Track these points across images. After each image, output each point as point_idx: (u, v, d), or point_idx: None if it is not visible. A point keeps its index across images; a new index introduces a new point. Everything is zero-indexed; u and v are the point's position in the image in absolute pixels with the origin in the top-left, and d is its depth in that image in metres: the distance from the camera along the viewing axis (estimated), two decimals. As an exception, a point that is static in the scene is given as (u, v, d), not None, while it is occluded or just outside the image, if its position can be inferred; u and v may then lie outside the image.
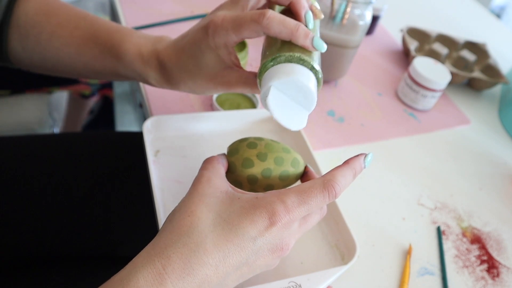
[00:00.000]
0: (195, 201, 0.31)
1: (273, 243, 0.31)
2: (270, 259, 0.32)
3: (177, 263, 0.28)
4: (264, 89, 0.32)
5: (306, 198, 0.31)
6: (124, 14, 0.69)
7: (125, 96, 1.32)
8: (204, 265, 0.28)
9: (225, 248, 0.29)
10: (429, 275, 0.47)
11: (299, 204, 0.31)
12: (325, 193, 0.32)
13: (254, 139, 0.39)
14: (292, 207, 0.31)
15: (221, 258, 0.29)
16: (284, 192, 0.31)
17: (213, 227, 0.30)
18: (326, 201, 0.32)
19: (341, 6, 0.59)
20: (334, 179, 0.32)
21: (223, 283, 0.30)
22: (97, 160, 0.55)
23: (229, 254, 0.29)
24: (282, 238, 0.31)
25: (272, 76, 0.32)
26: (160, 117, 0.48)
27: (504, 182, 0.61)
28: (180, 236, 0.29)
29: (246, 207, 0.31)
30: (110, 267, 0.53)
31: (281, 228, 0.30)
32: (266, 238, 0.30)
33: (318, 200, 0.31)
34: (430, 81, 0.65)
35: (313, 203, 0.31)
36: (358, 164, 0.34)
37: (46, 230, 0.51)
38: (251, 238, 0.30)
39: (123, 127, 1.23)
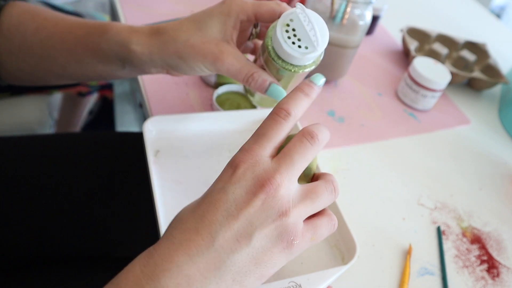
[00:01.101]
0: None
1: (247, 184, 0.28)
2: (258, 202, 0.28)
3: (162, 240, 0.29)
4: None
5: (259, 132, 0.30)
6: (124, 14, 0.69)
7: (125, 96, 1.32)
8: (184, 231, 0.28)
9: (199, 210, 0.29)
10: (429, 275, 0.47)
11: (255, 140, 0.30)
12: (275, 116, 0.30)
13: None
14: (248, 146, 0.30)
15: (198, 219, 0.28)
16: None
17: (190, 207, 0.30)
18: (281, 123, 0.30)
19: (341, 6, 0.58)
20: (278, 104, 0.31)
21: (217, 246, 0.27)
22: (97, 160, 0.55)
23: (204, 212, 0.28)
24: (255, 177, 0.29)
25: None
26: (160, 117, 0.48)
27: (504, 182, 0.61)
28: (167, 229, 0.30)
29: None
30: (110, 267, 0.53)
31: (248, 168, 0.29)
32: (235, 182, 0.28)
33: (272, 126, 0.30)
34: (430, 81, 0.65)
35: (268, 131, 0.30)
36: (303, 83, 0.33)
37: (46, 230, 0.51)
38: (218, 189, 0.29)
39: (123, 127, 1.23)
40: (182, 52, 0.39)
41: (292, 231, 0.29)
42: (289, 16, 0.37)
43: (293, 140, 0.31)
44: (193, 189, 0.45)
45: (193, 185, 0.46)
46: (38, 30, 0.43)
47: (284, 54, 0.38)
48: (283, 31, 0.37)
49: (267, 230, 0.28)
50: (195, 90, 0.59)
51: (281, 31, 0.37)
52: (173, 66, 0.41)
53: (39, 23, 0.43)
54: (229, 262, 0.28)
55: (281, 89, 0.40)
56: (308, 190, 0.31)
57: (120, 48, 0.41)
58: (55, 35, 0.43)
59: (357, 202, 0.52)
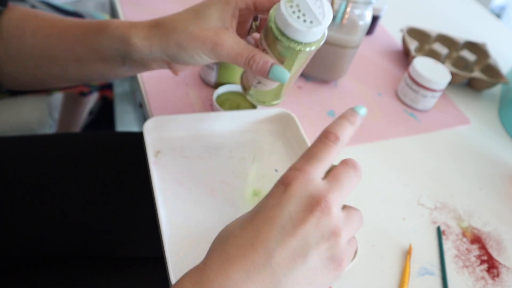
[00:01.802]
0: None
1: (302, 201, 0.29)
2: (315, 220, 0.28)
3: (214, 255, 0.28)
4: None
5: (310, 153, 0.31)
6: (124, 14, 0.69)
7: (125, 96, 1.32)
8: (239, 248, 0.28)
9: (253, 226, 0.28)
10: (429, 275, 0.47)
11: (306, 160, 0.31)
12: (324, 140, 0.32)
13: None
14: (300, 165, 0.31)
15: (253, 235, 0.28)
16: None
17: (240, 221, 0.30)
18: (331, 146, 0.32)
19: (341, 6, 0.59)
20: (327, 128, 0.33)
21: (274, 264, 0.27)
22: (97, 160, 0.55)
23: (259, 228, 0.28)
24: (310, 195, 0.29)
25: None
26: (161, 117, 0.48)
27: (504, 182, 0.61)
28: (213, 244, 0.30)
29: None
30: (110, 267, 0.53)
31: (301, 185, 0.29)
32: (290, 199, 0.29)
33: (322, 149, 0.31)
34: (430, 81, 0.65)
35: (319, 153, 0.31)
36: (347, 111, 0.35)
37: (46, 230, 0.51)
38: (273, 205, 0.29)
39: (123, 127, 1.23)
40: (181, 40, 0.39)
41: (343, 252, 0.30)
42: None
43: (340, 167, 0.32)
44: (194, 189, 0.45)
45: (194, 185, 0.46)
46: (36, 32, 0.43)
47: (289, 29, 0.38)
48: (287, 7, 0.37)
49: (321, 250, 0.29)
50: (195, 90, 0.59)
51: (285, 7, 0.37)
52: (173, 56, 0.41)
53: (37, 25, 0.43)
54: (284, 280, 0.27)
55: (283, 70, 0.40)
56: (349, 214, 0.32)
57: (120, 43, 0.41)
58: (54, 35, 0.43)
59: (357, 202, 0.52)
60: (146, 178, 0.53)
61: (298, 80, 0.67)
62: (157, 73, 0.59)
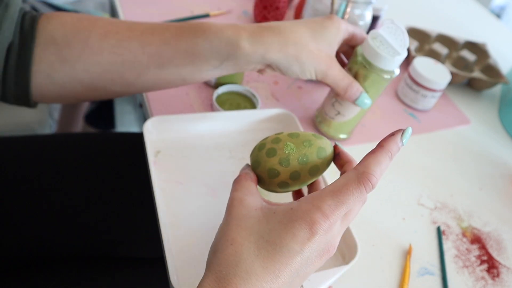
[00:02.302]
0: (233, 227, 0.31)
1: (319, 249, 0.30)
2: (318, 263, 0.31)
3: None
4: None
5: (342, 198, 0.30)
6: (124, 14, 0.69)
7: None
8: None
9: (275, 269, 0.29)
10: (429, 275, 0.47)
11: (336, 206, 0.30)
12: (361, 188, 0.30)
13: (272, 143, 0.37)
14: (329, 212, 0.30)
15: (273, 279, 0.29)
16: (318, 197, 0.30)
17: (257, 251, 0.29)
18: (364, 195, 0.31)
19: (341, 6, 0.58)
20: (368, 171, 0.31)
21: None
22: (97, 160, 0.55)
23: (280, 273, 0.29)
24: (326, 242, 0.31)
25: None
26: (161, 117, 0.48)
27: (504, 182, 0.61)
28: (229, 267, 0.29)
29: (284, 222, 0.30)
30: (110, 267, 0.53)
31: (324, 234, 0.30)
32: (311, 247, 0.30)
33: (355, 196, 0.30)
34: (430, 81, 0.65)
35: (350, 201, 0.30)
36: (394, 145, 0.32)
37: (46, 230, 0.51)
38: (296, 252, 0.29)
39: (123, 127, 1.23)
40: (301, 55, 0.43)
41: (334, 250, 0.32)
42: (375, 34, 0.49)
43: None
44: (194, 189, 0.46)
45: (194, 185, 0.46)
46: (107, 35, 0.40)
47: (375, 57, 0.48)
48: (374, 41, 0.48)
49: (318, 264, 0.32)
50: (195, 90, 0.59)
51: (372, 41, 0.48)
52: (283, 65, 0.43)
53: (106, 29, 0.41)
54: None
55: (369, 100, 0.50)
56: (347, 214, 0.33)
57: (227, 45, 0.41)
58: (133, 39, 0.40)
59: (357, 202, 0.52)
60: (146, 178, 0.53)
61: (298, 80, 0.67)
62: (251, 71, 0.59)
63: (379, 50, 0.48)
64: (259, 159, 0.36)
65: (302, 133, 0.37)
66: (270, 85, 0.64)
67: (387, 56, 0.47)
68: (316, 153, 0.36)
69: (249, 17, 0.77)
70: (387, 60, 0.48)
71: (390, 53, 0.48)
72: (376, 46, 0.48)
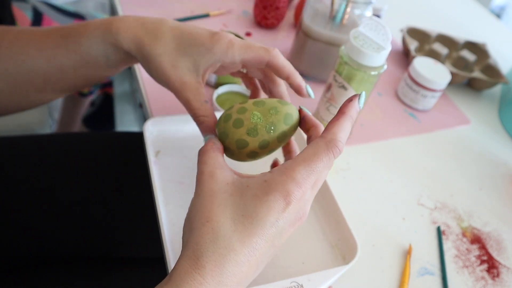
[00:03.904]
0: (207, 204, 0.31)
1: (292, 218, 0.31)
2: (291, 231, 0.32)
3: (214, 270, 0.29)
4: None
5: (313, 166, 0.31)
6: (124, 14, 0.69)
7: (125, 96, 1.32)
8: (237, 264, 0.29)
9: (252, 242, 0.30)
10: (429, 275, 0.47)
11: (308, 174, 0.31)
12: (330, 155, 0.32)
13: (238, 113, 0.36)
14: (302, 181, 0.31)
15: (251, 252, 0.30)
16: (291, 168, 0.31)
17: (234, 226, 0.30)
18: (333, 161, 0.32)
19: (341, 6, 0.59)
20: (336, 137, 0.32)
21: (257, 271, 0.31)
22: (97, 160, 0.55)
23: (257, 245, 0.30)
24: (299, 210, 0.32)
25: None
26: (161, 117, 0.48)
27: (504, 182, 0.61)
28: (207, 245, 0.29)
29: (259, 195, 0.31)
30: (111, 267, 0.53)
31: (297, 203, 0.31)
32: (285, 217, 0.31)
33: (325, 163, 0.32)
34: (430, 81, 0.65)
35: (321, 167, 0.32)
36: (354, 110, 0.34)
37: (47, 230, 0.51)
38: (272, 223, 0.30)
39: (123, 127, 1.23)
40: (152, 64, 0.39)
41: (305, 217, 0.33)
42: (356, 32, 0.49)
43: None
44: (194, 189, 0.45)
45: (194, 185, 0.46)
46: (12, 43, 0.40)
47: (360, 56, 0.48)
48: (356, 40, 0.48)
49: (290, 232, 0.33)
50: (195, 90, 0.59)
51: (355, 40, 0.48)
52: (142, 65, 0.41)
53: (13, 36, 0.41)
54: (262, 265, 0.32)
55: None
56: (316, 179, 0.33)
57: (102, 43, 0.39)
58: (32, 43, 0.40)
59: (357, 202, 0.52)
60: (146, 178, 0.53)
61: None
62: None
63: (363, 48, 0.48)
64: (227, 130, 0.36)
65: (267, 100, 0.37)
66: (270, 85, 0.64)
67: (372, 52, 0.48)
68: (283, 120, 0.36)
69: (249, 17, 0.77)
70: (373, 57, 0.48)
71: (374, 49, 0.48)
72: (360, 44, 0.48)
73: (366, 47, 0.48)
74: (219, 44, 0.37)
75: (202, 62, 0.38)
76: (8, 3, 0.86)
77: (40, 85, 0.42)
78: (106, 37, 0.39)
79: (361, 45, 0.48)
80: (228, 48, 0.38)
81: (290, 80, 0.39)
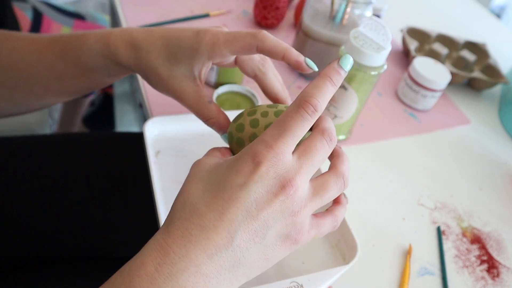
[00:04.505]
0: (186, 182, 0.31)
1: (269, 184, 0.28)
2: (279, 204, 0.28)
3: (176, 233, 0.28)
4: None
5: (283, 125, 0.29)
6: (124, 14, 0.69)
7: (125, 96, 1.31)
8: (202, 228, 0.27)
9: (218, 206, 0.28)
10: (429, 275, 0.47)
11: (279, 134, 0.29)
12: (301, 111, 0.29)
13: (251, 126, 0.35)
14: (272, 141, 0.29)
15: (217, 216, 0.28)
16: (263, 133, 0.30)
17: (202, 194, 0.29)
18: (307, 119, 0.29)
19: (341, 6, 0.59)
20: (306, 94, 0.30)
21: (234, 245, 0.28)
22: (97, 160, 0.55)
23: (224, 210, 0.28)
24: (277, 176, 0.28)
25: None
26: (161, 117, 0.48)
27: (504, 182, 0.61)
28: (176, 213, 0.29)
29: (229, 163, 0.29)
30: (111, 267, 0.53)
31: (271, 166, 0.28)
32: (257, 181, 0.28)
33: (297, 121, 0.29)
34: (430, 81, 0.65)
35: (293, 127, 0.29)
36: (331, 69, 0.31)
37: (47, 230, 0.51)
38: (239, 186, 0.28)
39: (123, 127, 1.23)
40: (152, 78, 0.39)
41: (300, 230, 0.30)
42: (356, 32, 0.49)
43: (314, 138, 0.30)
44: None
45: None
46: (13, 50, 0.41)
47: (361, 56, 0.48)
48: (356, 40, 0.48)
49: (279, 228, 0.29)
50: (195, 90, 0.59)
51: (355, 40, 0.48)
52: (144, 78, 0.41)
53: (14, 44, 0.41)
54: (243, 260, 0.28)
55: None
56: (318, 186, 0.31)
57: (102, 59, 0.39)
58: (33, 53, 0.41)
59: (357, 202, 0.52)
60: (146, 178, 0.53)
61: (297, 80, 0.67)
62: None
63: (363, 48, 0.48)
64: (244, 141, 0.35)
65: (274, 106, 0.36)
66: (270, 85, 0.64)
67: (372, 52, 0.48)
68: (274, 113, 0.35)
69: (249, 17, 0.77)
70: (373, 57, 0.48)
71: (374, 49, 0.48)
72: (360, 44, 0.48)
73: (366, 47, 0.48)
74: (204, 42, 0.36)
75: (194, 64, 0.37)
76: (9, 4, 0.86)
77: (41, 91, 0.42)
78: (105, 52, 0.39)
79: (361, 45, 0.48)
80: (214, 44, 0.36)
81: (286, 58, 0.35)
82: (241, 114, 0.36)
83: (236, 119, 0.37)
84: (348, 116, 0.55)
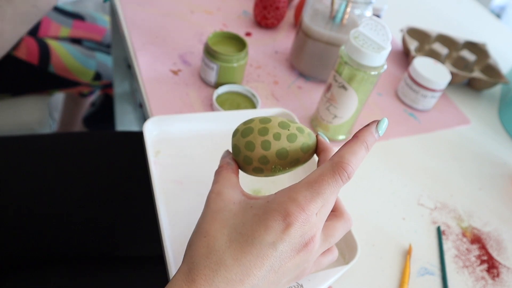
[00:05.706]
0: (208, 219, 0.31)
1: (295, 242, 0.29)
2: (298, 259, 0.30)
3: (203, 285, 0.28)
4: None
5: (317, 189, 0.30)
6: (124, 14, 0.69)
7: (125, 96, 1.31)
8: (229, 282, 0.28)
9: (245, 261, 0.28)
10: (429, 275, 0.47)
11: (312, 197, 0.29)
12: (337, 177, 0.30)
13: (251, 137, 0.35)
14: (305, 203, 0.29)
15: (244, 271, 0.28)
16: (293, 189, 0.30)
17: (229, 243, 0.29)
18: (340, 185, 0.30)
19: (341, 6, 0.59)
20: (343, 160, 0.30)
21: None
22: (97, 160, 0.55)
23: (251, 265, 0.28)
24: (303, 235, 0.30)
25: None
26: (161, 117, 0.48)
27: (504, 182, 0.61)
28: (200, 258, 0.29)
29: (258, 214, 0.30)
30: (111, 267, 0.53)
31: (300, 227, 0.29)
32: (286, 240, 0.29)
33: (331, 186, 0.30)
34: (430, 81, 0.65)
35: (327, 192, 0.30)
36: (369, 135, 0.32)
37: (46, 230, 0.51)
38: (269, 244, 0.29)
39: (123, 127, 1.23)
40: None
41: (307, 272, 0.32)
42: (356, 32, 0.49)
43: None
44: (194, 189, 0.46)
45: (194, 185, 0.46)
46: None
47: (360, 56, 0.48)
48: (356, 40, 0.48)
49: (292, 276, 0.31)
50: (195, 90, 0.59)
51: (355, 40, 0.48)
52: None
53: None
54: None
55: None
56: (329, 234, 0.32)
57: None
58: None
59: (357, 202, 0.52)
60: (146, 178, 0.53)
61: (298, 80, 0.67)
62: (157, 74, 0.59)
63: (363, 48, 0.48)
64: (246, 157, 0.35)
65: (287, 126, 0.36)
66: (270, 85, 0.64)
67: (372, 52, 0.48)
68: (300, 148, 0.35)
69: (249, 17, 0.77)
70: (373, 57, 0.48)
71: (374, 49, 0.48)
72: (360, 44, 0.48)
73: (366, 47, 0.48)
74: None
75: None
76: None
77: None
78: None
79: (361, 45, 0.48)
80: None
81: None
82: (250, 128, 0.35)
83: (244, 132, 0.35)
84: (348, 116, 0.55)
